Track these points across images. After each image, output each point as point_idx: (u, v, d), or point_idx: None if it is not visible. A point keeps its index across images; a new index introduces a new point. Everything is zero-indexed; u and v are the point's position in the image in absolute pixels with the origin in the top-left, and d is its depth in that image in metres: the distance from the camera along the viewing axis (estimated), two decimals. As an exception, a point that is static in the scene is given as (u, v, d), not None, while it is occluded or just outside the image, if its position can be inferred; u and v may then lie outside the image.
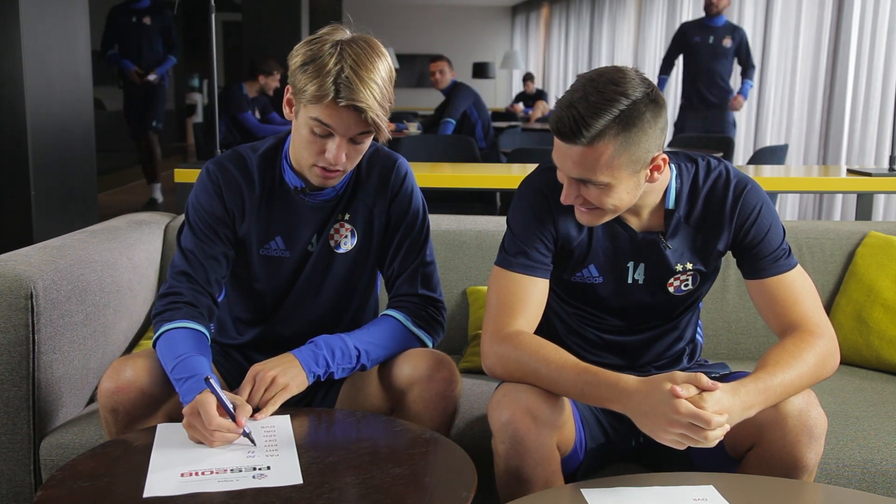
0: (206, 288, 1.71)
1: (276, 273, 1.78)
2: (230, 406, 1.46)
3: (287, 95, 1.66)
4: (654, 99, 1.47)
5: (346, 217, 1.77)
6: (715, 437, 1.35)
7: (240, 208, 1.75)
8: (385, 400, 1.71)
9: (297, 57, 1.61)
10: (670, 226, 1.64)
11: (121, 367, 1.58)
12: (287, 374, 1.58)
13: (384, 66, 1.60)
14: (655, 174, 1.54)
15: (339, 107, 1.56)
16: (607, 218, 1.59)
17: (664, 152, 1.55)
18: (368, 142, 1.66)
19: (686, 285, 1.69)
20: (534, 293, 1.63)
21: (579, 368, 1.48)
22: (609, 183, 1.50)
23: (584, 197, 1.53)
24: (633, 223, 1.65)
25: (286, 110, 1.67)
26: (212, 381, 1.48)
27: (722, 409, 1.36)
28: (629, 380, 1.43)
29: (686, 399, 1.35)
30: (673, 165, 1.63)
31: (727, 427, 1.37)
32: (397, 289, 1.79)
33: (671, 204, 1.63)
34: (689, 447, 1.51)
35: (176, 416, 1.62)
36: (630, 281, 1.68)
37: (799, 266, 1.64)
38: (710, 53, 6.08)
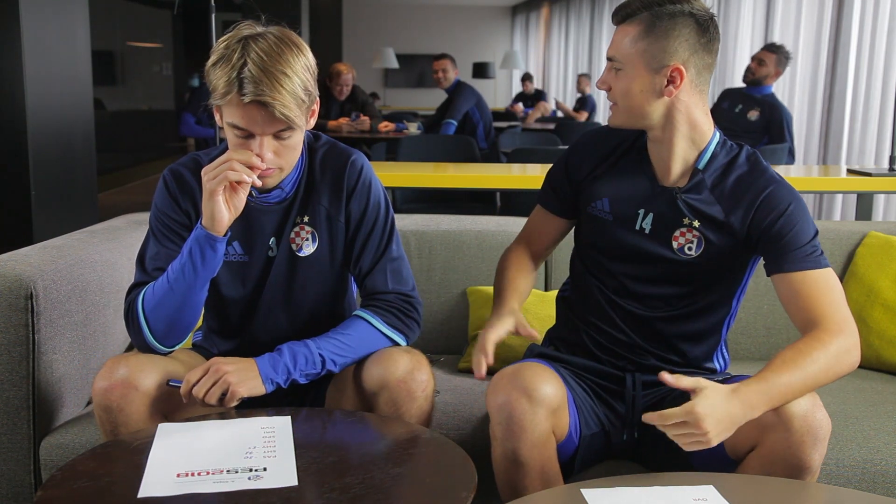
0: None
1: (240, 279, 1.75)
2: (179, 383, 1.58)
3: (211, 101, 1.60)
4: (698, 20, 1.60)
5: (305, 220, 1.74)
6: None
7: (195, 213, 1.72)
8: (360, 402, 1.69)
9: (211, 56, 1.57)
10: (692, 182, 1.68)
11: (114, 366, 1.58)
12: (239, 374, 1.56)
13: (295, 57, 1.55)
14: (671, 88, 1.61)
15: (246, 104, 1.51)
16: (622, 118, 1.69)
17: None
18: (297, 137, 1.60)
19: (690, 248, 1.68)
20: (539, 223, 1.90)
21: (503, 290, 1.78)
22: (625, 67, 1.63)
23: (609, 83, 1.67)
24: (660, 175, 1.71)
25: (217, 117, 1.62)
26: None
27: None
28: (503, 317, 1.67)
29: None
30: (718, 133, 1.70)
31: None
32: (367, 288, 1.76)
33: (702, 164, 1.68)
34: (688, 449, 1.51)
35: (170, 414, 1.62)
36: (637, 228, 1.73)
37: (830, 269, 1.62)
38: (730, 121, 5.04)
